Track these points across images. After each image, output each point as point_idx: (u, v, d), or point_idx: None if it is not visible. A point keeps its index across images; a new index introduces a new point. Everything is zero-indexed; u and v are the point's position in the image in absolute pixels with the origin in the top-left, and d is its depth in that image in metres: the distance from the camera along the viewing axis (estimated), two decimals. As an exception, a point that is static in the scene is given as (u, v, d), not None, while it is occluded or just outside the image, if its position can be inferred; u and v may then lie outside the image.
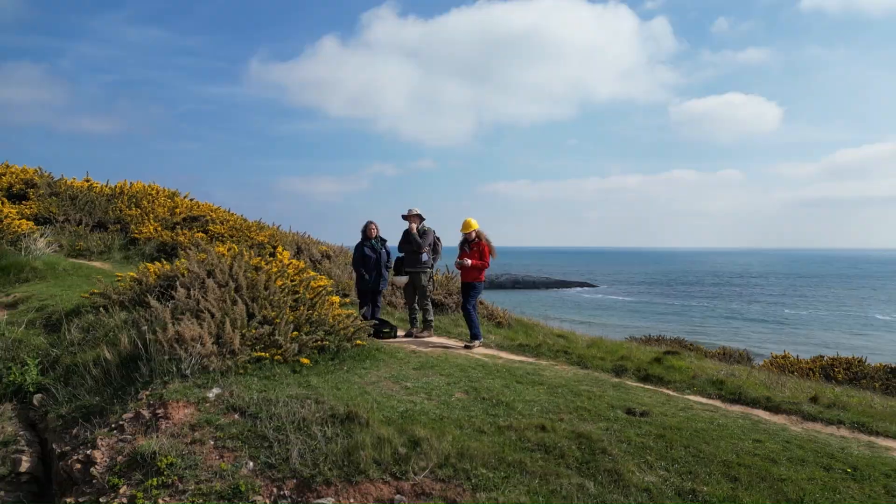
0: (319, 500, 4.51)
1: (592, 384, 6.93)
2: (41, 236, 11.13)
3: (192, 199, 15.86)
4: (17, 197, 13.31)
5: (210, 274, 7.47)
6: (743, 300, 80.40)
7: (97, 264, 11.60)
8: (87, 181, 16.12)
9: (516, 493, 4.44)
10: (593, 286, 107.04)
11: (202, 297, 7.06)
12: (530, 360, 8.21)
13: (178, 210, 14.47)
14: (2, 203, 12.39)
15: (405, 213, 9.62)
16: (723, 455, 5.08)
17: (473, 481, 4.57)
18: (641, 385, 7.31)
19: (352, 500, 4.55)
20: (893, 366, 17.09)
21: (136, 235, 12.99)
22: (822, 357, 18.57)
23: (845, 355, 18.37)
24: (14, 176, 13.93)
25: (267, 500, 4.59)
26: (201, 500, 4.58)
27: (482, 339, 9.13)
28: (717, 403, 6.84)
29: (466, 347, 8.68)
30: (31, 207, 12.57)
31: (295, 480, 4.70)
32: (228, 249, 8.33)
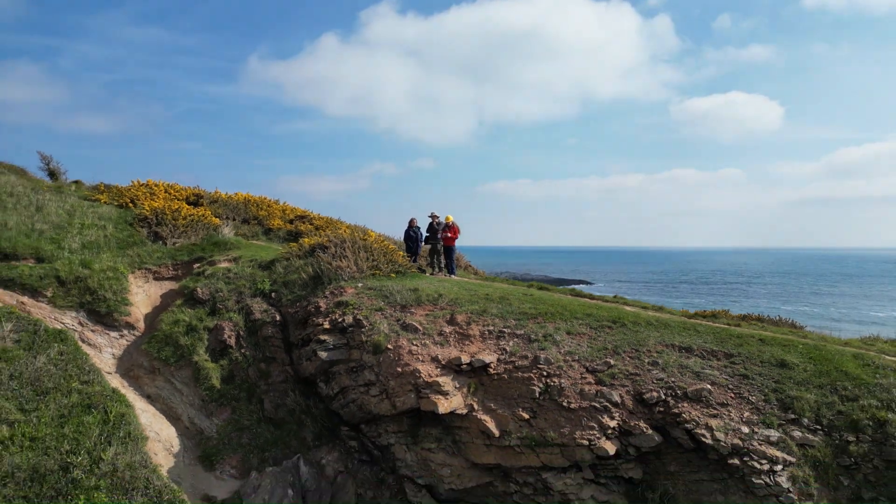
0: (410, 310, 13.32)
1: (514, 289, 15.75)
2: (226, 227, 19.94)
3: (290, 204, 24.76)
4: (192, 203, 21.97)
5: (343, 241, 16.28)
6: (740, 298, 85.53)
7: (256, 242, 20.43)
8: (217, 192, 24.94)
9: (475, 307, 13.24)
10: (590, 284, 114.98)
11: (342, 249, 15.90)
12: (489, 282, 17.11)
13: (286, 211, 23.37)
14: (187, 207, 21.15)
15: (430, 214, 18.41)
16: (557, 304, 13.82)
17: (460, 304, 13.40)
18: (539, 291, 16.11)
19: (420, 310, 13.35)
20: (743, 314, 25.74)
21: (270, 227, 21.79)
22: (704, 311, 27.27)
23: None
24: (187, 191, 22.72)
25: (391, 311, 13.40)
26: (367, 312, 13.39)
27: (458, 274, 17.92)
28: (570, 297, 15.61)
29: (450, 276, 17.51)
30: (206, 210, 21.22)
31: (399, 306, 13.54)
32: (344, 232, 17.18)
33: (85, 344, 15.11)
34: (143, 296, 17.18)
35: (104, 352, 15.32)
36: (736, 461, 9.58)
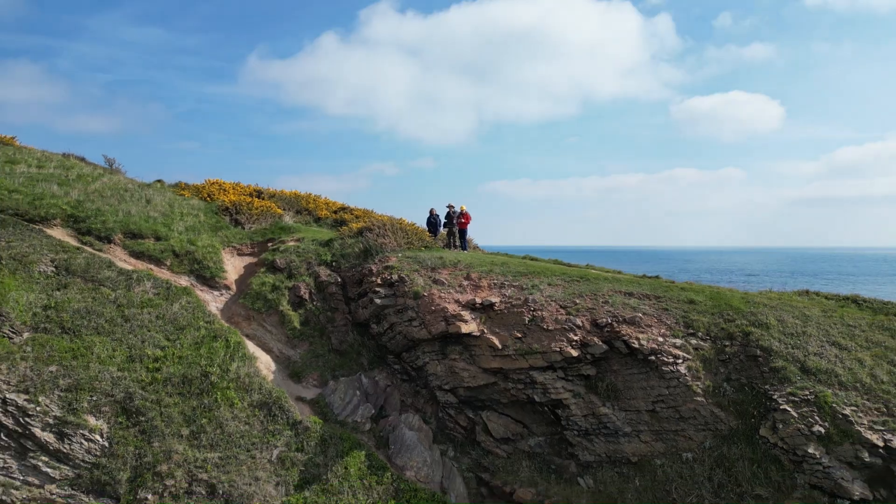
0: (437, 271, 18.78)
1: (512, 259, 21.20)
2: (287, 215, 25.41)
3: (330, 199, 30.28)
4: (255, 197, 27.41)
5: (384, 224, 21.73)
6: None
7: (312, 228, 25.93)
8: (270, 189, 30.41)
9: (484, 269, 18.73)
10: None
11: (384, 231, 21.37)
12: (493, 255, 22.60)
13: (328, 204, 28.85)
14: (256, 200, 26.61)
15: (447, 205, 23.80)
16: (542, 267, 19.26)
17: (473, 267, 18.90)
18: (530, 261, 21.53)
19: (445, 271, 18.82)
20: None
21: (319, 216, 27.25)
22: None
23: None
24: (249, 188, 28.19)
25: (425, 272, 18.85)
26: (408, 272, 18.85)
27: (469, 250, 23.43)
28: (552, 264, 21.03)
29: (463, 251, 22.99)
30: (269, 202, 26.64)
31: (430, 268, 19.06)
32: (383, 218, 22.63)
33: (198, 299, 20.58)
34: (231, 266, 22.66)
35: (210, 305, 20.77)
36: (653, 358, 14.97)
